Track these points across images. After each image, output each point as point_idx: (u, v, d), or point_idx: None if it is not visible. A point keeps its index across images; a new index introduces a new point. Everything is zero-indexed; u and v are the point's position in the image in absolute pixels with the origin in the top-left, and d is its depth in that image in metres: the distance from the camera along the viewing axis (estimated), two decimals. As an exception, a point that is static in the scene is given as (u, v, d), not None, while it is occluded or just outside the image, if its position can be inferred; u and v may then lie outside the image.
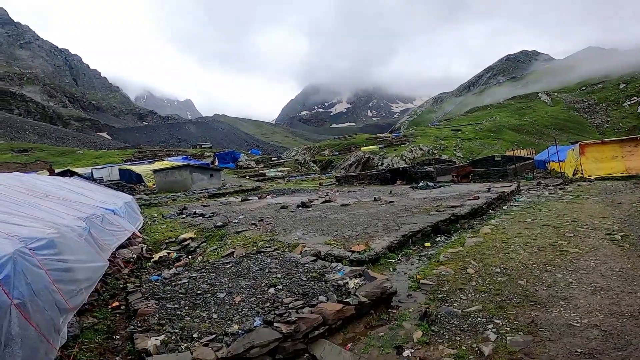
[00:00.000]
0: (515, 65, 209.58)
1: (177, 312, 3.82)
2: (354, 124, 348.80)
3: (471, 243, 6.07)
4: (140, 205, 20.11)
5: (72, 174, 35.67)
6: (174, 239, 10.09)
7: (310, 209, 11.68)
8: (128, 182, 37.18)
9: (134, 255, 7.36)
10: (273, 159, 75.96)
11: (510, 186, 14.41)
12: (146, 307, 3.91)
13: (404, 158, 53.39)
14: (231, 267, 5.46)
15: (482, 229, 7.17)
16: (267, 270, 5.02)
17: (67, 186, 10.23)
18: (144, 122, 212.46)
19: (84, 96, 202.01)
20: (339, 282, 4.14)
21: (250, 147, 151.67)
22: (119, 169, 38.31)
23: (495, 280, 4.35)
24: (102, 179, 37.97)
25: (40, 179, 10.09)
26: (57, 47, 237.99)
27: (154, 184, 33.95)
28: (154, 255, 8.46)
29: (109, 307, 4.69)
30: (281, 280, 4.51)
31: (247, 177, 41.23)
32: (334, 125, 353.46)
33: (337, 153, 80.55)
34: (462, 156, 55.08)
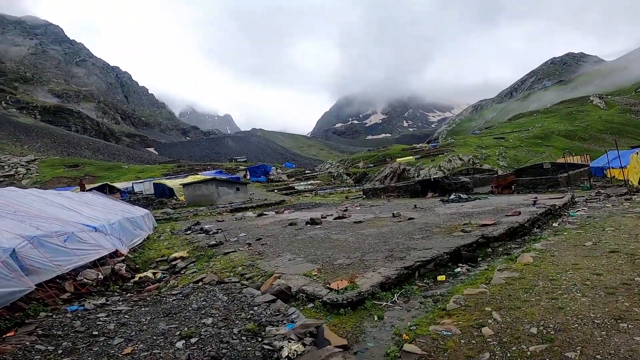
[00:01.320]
0: (561, 68, 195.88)
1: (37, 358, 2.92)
2: (389, 135, 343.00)
3: (501, 279, 4.41)
4: (160, 220, 19.94)
5: (110, 188, 37.29)
6: (166, 257, 9.29)
7: (318, 226, 10.40)
8: (161, 195, 37.94)
9: (100, 277, 6.47)
10: (306, 172, 75.76)
11: (562, 198, 12.13)
12: (5, 346, 2.96)
13: (442, 168, 50.65)
14: (173, 300, 4.50)
15: (521, 257, 5.44)
16: (203, 312, 4.02)
17: (65, 202, 9.81)
18: (187, 137, 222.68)
19: (134, 113, 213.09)
20: (274, 342, 2.86)
21: (285, 160, 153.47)
22: (153, 183, 39.38)
23: (526, 352, 2.77)
24: (142, 192, 39.20)
25: (35, 193, 9.74)
26: (109, 65, 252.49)
27: (184, 198, 34.34)
28: (135, 276, 7.62)
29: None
30: (204, 330, 3.38)
31: (276, 191, 40.71)
32: (369, 137, 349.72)
33: (371, 165, 78.78)
34: (506, 165, 51.24)
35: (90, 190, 36.08)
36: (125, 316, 4.03)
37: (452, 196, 15.51)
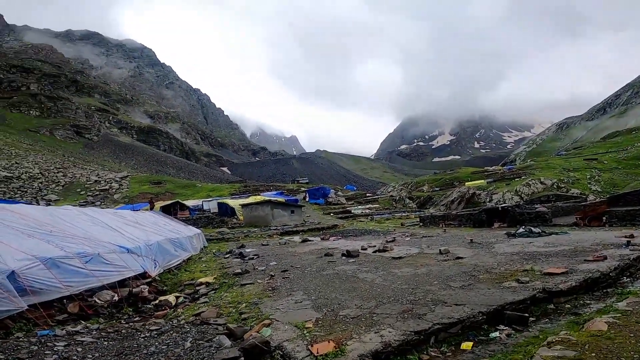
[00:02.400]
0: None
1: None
2: (458, 157, 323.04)
3: (550, 358, 3.10)
4: (212, 239, 20.64)
5: (180, 205, 40.33)
6: (194, 281, 9.19)
7: (352, 260, 9.51)
8: (224, 214, 39.83)
9: (115, 298, 6.45)
10: (367, 195, 74.25)
11: (668, 238, 9.49)
12: None
13: (519, 193, 45.64)
14: (143, 337, 4.19)
15: (592, 322, 3.96)
16: (152, 358, 3.47)
17: (113, 222, 10.39)
18: (256, 158, 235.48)
19: (212, 134, 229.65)
20: None
21: (348, 182, 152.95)
22: (217, 202, 41.65)
23: None
24: (209, 210, 41.52)
25: (89, 213, 10.50)
26: (192, 87, 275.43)
27: (243, 218, 35.60)
28: (159, 298, 7.54)
29: None
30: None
31: (332, 214, 40.19)
32: (435, 159, 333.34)
33: (437, 189, 74.65)
34: (599, 190, 44.32)
35: (163, 206, 39.50)
36: (77, 349, 3.81)
37: (521, 229, 13.26)
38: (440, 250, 9.39)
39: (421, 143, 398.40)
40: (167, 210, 36.98)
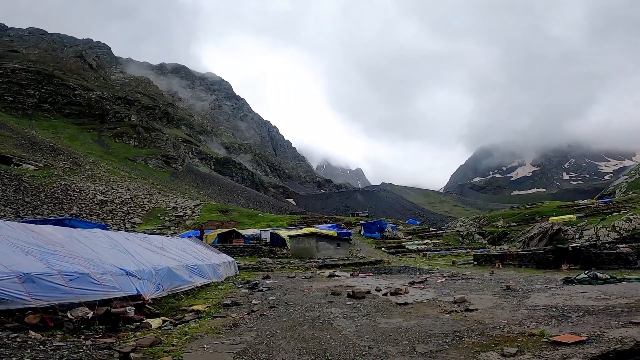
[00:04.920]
0: None
1: None
2: (543, 190, 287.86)
3: None
4: (247, 268, 20.86)
5: (236, 234, 42.07)
6: (190, 307, 9.10)
7: (352, 302, 8.70)
8: (275, 244, 40.49)
9: (88, 315, 6.63)
10: (430, 229, 69.88)
11: None
12: None
13: (617, 229, 39.27)
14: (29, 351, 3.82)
15: None
16: None
17: (129, 246, 11.03)
18: (321, 190, 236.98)
19: (280, 165, 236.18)
20: None
21: (414, 216, 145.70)
22: (270, 232, 42.65)
23: None
24: (266, 239, 42.56)
25: (110, 235, 11.33)
26: (263, 119, 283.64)
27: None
28: (146, 320, 7.58)
29: None
30: None
31: (383, 249, 38.22)
32: (515, 193, 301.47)
33: (514, 224, 67.37)
34: None
35: (221, 234, 41.49)
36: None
37: (583, 274, 10.75)
38: (454, 298, 7.93)
39: (497, 175, 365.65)
40: (224, 238, 38.98)
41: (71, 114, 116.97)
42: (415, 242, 43.08)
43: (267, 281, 13.75)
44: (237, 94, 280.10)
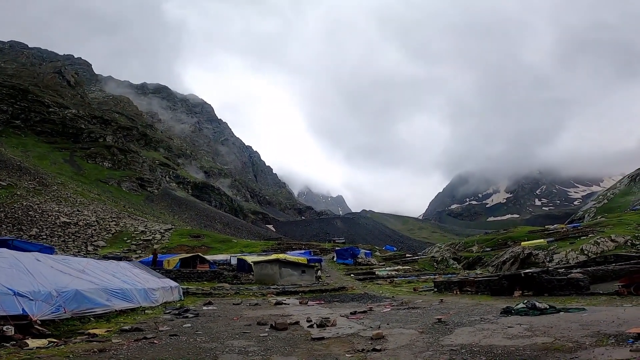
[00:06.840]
0: None
1: None
2: (517, 215, 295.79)
3: None
4: (197, 294, 19.52)
5: (201, 259, 40.42)
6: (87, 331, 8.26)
7: (265, 334, 8.06)
8: (241, 270, 39.08)
9: None
10: (407, 255, 69.85)
11: None
12: None
13: (586, 252, 40.58)
14: None
15: None
16: None
17: (41, 267, 10.34)
18: (302, 217, 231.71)
19: (261, 191, 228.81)
20: None
21: (393, 243, 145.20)
22: (237, 258, 41.37)
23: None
24: (235, 265, 40.92)
25: (51, 258, 10.90)
26: (245, 144, 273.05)
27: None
28: (28, 340, 7.10)
29: None
30: None
31: (352, 275, 37.44)
32: (491, 219, 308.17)
33: (488, 249, 68.20)
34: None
35: (183, 258, 39.64)
36: None
37: (521, 305, 10.47)
38: (372, 334, 7.39)
39: (474, 202, 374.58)
40: (187, 262, 37.33)
41: (43, 132, 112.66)
42: (387, 268, 42.56)
43: (206, 307, 12.85)
44: (218, 117, 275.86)
